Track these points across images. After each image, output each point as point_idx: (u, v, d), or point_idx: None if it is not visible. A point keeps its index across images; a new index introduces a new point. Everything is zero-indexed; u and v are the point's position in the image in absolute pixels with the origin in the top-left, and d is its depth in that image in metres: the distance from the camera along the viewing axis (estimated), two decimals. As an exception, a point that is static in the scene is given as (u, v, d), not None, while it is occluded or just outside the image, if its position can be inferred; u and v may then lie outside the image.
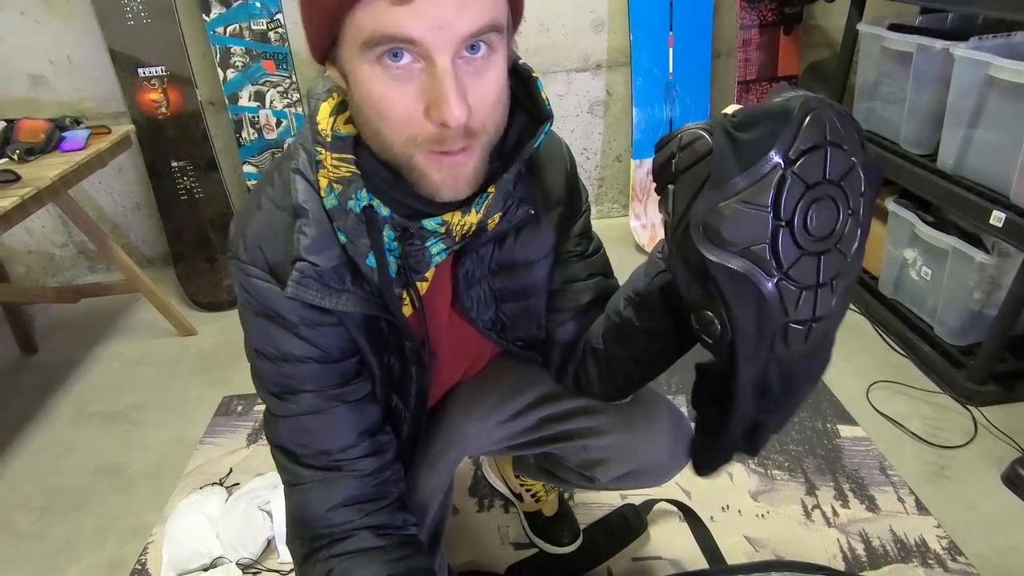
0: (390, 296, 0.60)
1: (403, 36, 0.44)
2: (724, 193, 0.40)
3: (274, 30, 1.80)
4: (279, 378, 0.63)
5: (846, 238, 0.43)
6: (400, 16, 0.44)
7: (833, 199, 0.41)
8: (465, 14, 0.45)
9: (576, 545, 1.11)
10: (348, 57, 0.48)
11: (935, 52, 1.34)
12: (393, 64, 0.46)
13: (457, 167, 0.51)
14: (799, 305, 0.43)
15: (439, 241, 0.61)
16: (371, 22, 0.45)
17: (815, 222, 0.41)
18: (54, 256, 2.13)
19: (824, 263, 0.42)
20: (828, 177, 0.40)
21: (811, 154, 0.39)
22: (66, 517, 1.29)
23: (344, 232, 0.57)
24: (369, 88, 0.48)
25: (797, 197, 0.40)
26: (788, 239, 0.41)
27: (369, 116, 0.50)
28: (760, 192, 0.40)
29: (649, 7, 1.86)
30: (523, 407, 0.84)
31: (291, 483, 0.66)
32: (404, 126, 0.49)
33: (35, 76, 1.91)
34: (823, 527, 1.12)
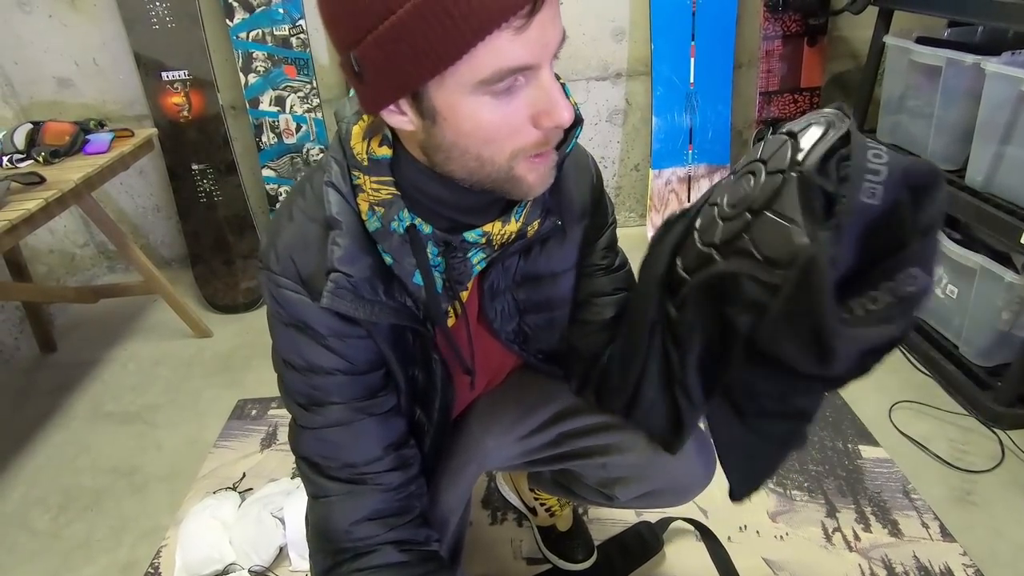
0: (437, 311, 0.61)
1: (524, 65, 0.46)
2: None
3: (296, 36, 1.81)
4: (306, 389, 0.63)
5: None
6: (519, 44, 0.45)
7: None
8: (557, 27, 0.47)
9: (590, 562, 1.09)
10: (447, 97, 0.47)
11: (965, 67, 1.31)
12: (502, 87, 0.47)
13: (547, 163, 0.54)
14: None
15: (479, 251, 0.62)
16: (493, 58, 0.45)
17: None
18: (75, 256, 2.16)
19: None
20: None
21: None
22: (82, 516, 1.29)
23: (389, 253, 0.58)
24: (479, 118, 0.48)
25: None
26: None
27: (469, 144, 0.50)
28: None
29: (671, 16, 1.85)
30: (543, 422, 0.83)
31: (315, 495, 0.66)
32: (510, 140, 0.50)
33: (61, 78, 1.94)
34: (844, 551, 1.10)
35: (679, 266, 0.47)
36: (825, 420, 1.38)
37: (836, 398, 1.44)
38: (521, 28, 0.44)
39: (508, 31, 0.43)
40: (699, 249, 0.44)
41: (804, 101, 1.94)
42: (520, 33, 0.44)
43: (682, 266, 0.47)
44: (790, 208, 0.37)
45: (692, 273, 0.46)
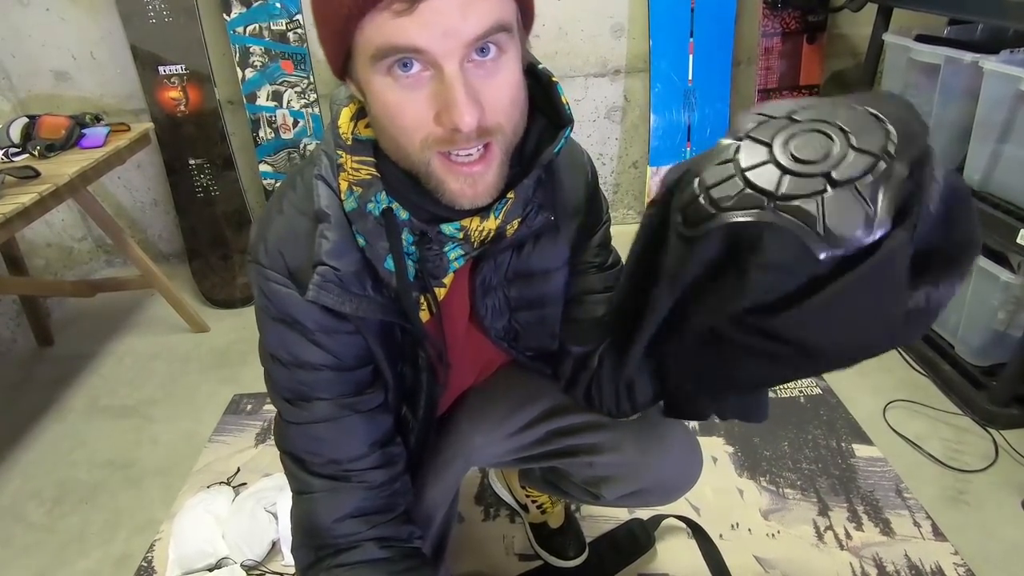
0: (407, 300, 0.60)
1: (409, 46, 0.45)
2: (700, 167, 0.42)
3: (293, 30, 1.80)
4: (293, 384, 0.63)
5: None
6: (405, 26, 0.44)
7: (822, 132, 0.40)
8: (469, 18, 0.45)
9: (582, 559, 1.09)
10: (361, 70, 0.49)
11: (964, 65, 1.31)
12: (403, 74, 0.47)
13: (476, 176, 0.52)
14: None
15: (457, 247, 0.61)
16: (378, 35, 0.45)
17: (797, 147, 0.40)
18: (72, 249, 2.16)
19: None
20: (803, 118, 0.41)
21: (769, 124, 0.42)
22: (77, 510, 1.30)
23: (363, 235, 0.57)
24: (383, 98, 0.49)
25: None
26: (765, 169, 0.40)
27: (385, 126, 0.51)
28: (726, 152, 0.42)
29: (670, 13, 1.84)
30: (531, 419, 0.83)
31: (299, 491, 0.66)
32: (417, 131, 0.49)
33: (59, 72, 1.94)
34: (835, 550, 1.10)
35: (697, 187, 0.42)
36: (819, 419, 1.38)
37: (831, 397, 1.44)
38: (403, 11, 0.43)
39: (388, 12, 0.44)
40: (740, 185, 0.40)
41: (803, 99, 1.93)
42: (403, 15, 0.44)
43: (708, 194, 0.42)
44: (875, 195, 0.36)
45: (717, 204, 0.41)
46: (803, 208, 0.37)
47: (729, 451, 1.31)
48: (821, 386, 1.47)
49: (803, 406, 1.42)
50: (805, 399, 1.44)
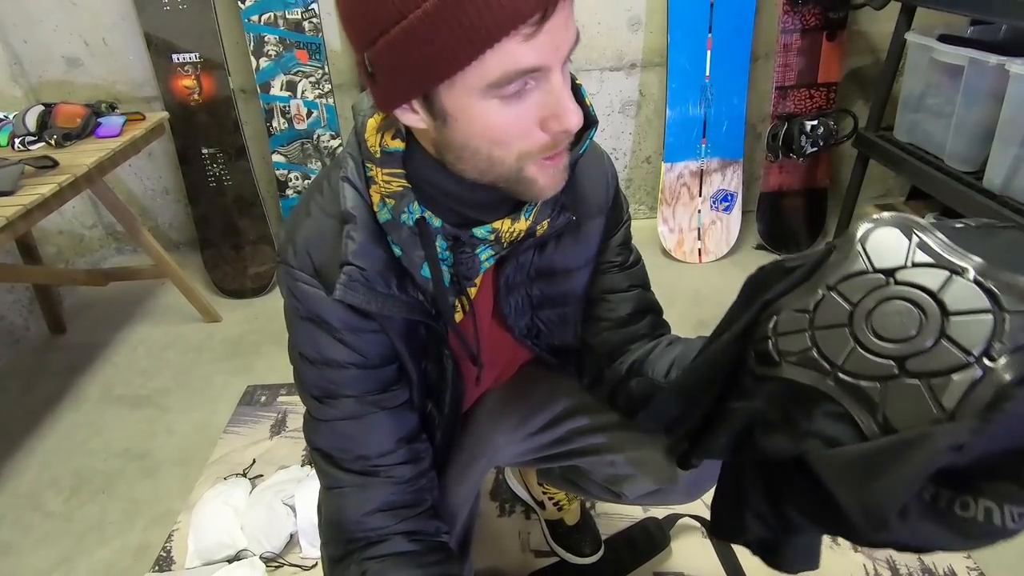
0: (444, 304, 0.62)
1: (534, 67, 0.46)
2: (911, 219, 0.37)
3: (308, 20, 1.79)
4: (321, 382, 0.64)
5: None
6: (527, 48, 0.44)
7: (914, 303, 0.35)
8: (569, 31, 0.47)
9: (597, 556, 1.10)
10: (457, 99, 0.48)
11: (989, 67, 1.29)
12: (511, 91, 0.47)
13: (559, 168, 0.54)
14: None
15: (488, 248, 0.62)
16: (503, 63, 0.45)
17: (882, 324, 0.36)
18: (84, 237, 2.16)
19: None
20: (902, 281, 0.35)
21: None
22: (94, 499, 1.31)
23: (399, 244, 0.58)
24: (488, 121, 0.49)
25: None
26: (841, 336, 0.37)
27: (479, 146, 0.51)
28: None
29: (689, 7, 1.82)
30: (552, 419, 0.84)
31: (329, 486, 0.67)
32: (519, 143, 0.50)
33: (71, 58, 1.92)
34: (849, 551, 1.11)
35: (771, 329, 0.40)
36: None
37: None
38: (531, 35, 0.44)
39: (517, 37, 0.44)
40: (807, 344, 0.38)
41: (820, 96, 1.91)
42: (531, 39, 0.44)
43: (775, 340, 0.40)
44: (949, 397, 0.32)
45: (782, 355, 0.40)
46: (864, 391, 0.35)
47: (743, 451, 1.32)
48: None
49: (816, 407, 1.42)
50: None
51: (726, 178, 1.99)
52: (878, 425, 0.34)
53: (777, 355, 0.40)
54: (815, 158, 1.96)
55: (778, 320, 0.40)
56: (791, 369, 0.39)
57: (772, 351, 0.40)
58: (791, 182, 2.02)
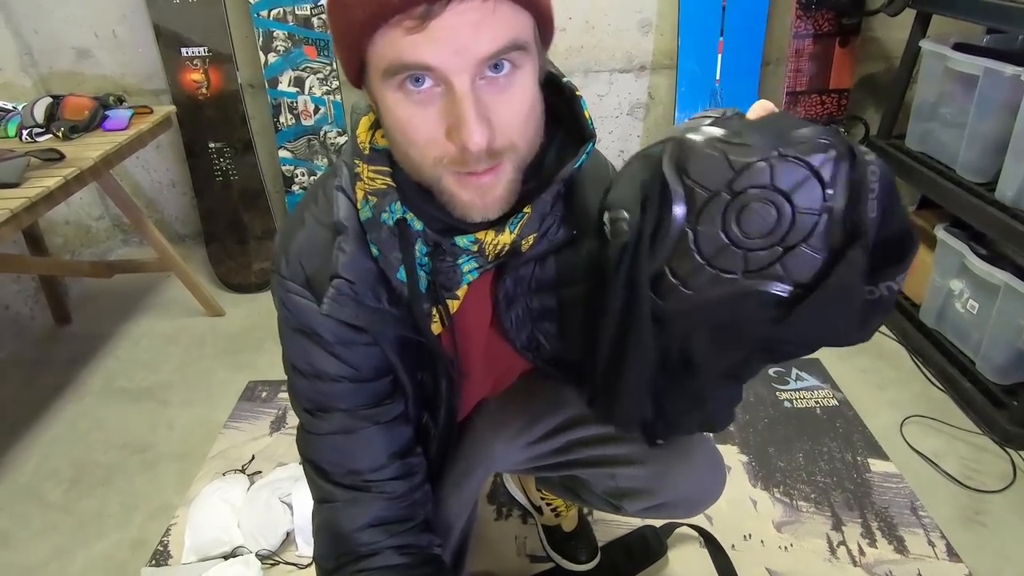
0: (419, 311, 0.59)
1: (419, 63, 0.45)
2: (704, 136, 0.44)
3: (317, 16, 1.78)
4: (313, 395, 0.64)
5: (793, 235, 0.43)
6: (415, 43, 0.44)
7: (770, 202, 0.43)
8: (482, 36, 0.44)
9: (594, 564, 1.10)
10: (374, 83, 0.49)
11: (1004, 77, 1.27)
12: (415, 89, 0.47)
13: (485, 188, 0.51)
14: (704, 249, 0.45)
15: (471, 259, 0.60)
16: (389, 51, 0.45)
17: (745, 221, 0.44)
18: (90, 228, 2.16)
19: (753, 255, 0.44)
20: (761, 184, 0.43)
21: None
22: (93, 492, 1.32)
23: (376, 244, 0.57)
24: (394, 113, 0.48)
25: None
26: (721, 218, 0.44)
27: (397, 139, 0.51)
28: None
29: (701, 10, 1.81)
30: (552, 429, 0.83)
31: (320, 499, 0.67)
32: (429, 148, 0.49)
33: (81, 49, 1.93)
34: (848, 565, 1.10)
35: (672, 278, 0.47)
36: (835, 431, 1.37)
37: (847, 409, 1.43)
38: (413, 28, 0.43)
39: (399, 29, 0.44)
40: (711, 272, 0.45)
41: (832, 102, 1.89)
42: (414, 32, 0.43)
43: (683, 284, 0.47)
44: (823, 244, 0.43)
45: (696, 289, 0.46)
46: (769, 272, 0.44)
47: (743, 460, 1.31)
48: (838, 398, 1.46)
49: (819, 418, 1.41)
50: (821, 410, 1.43)
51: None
52: (795, 286, 0.45)
53: (690, 291, 0.47)
54: (825, 165, 1.94)
55: (672, 270, 0.47)
56: (707, 291, 0.46)
57: (685, 290, 0.47)
58: (800, 188, 2.00)
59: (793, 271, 0.44)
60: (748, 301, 0.46)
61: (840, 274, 0.43)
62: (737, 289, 0.45)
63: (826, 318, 0.46)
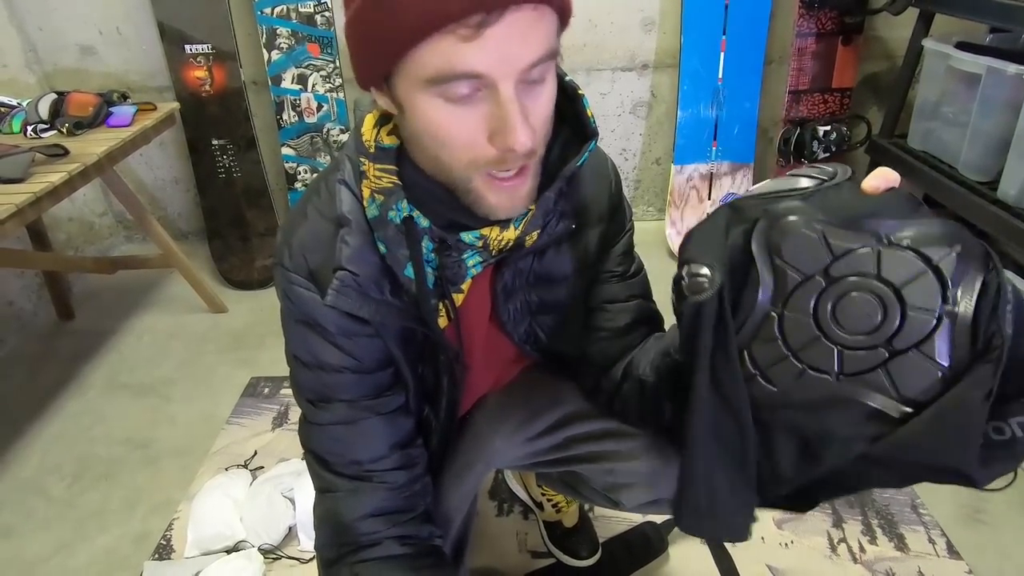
0: (426, 307, 0.60)
1: (471, 72, 0.45)
2: (803, 215, 0.39)
3: (320, 13, 1.79)
4: (315, 386, 0.64)
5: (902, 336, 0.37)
6: (467, 52, 0.44)
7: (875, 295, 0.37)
8: (528, 46, 0.45)
9: (594, 560, 1.10)
10: (406, 89, 0.48)
11: (1007, 76, 1.28)
12: (457, 94, 0.47)
13: (515, 190, 0.52)
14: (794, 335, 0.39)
15: (475, 254, 0.61)
16: (438, 59, 0.45)
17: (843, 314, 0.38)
18: (94, 225, 2.17)
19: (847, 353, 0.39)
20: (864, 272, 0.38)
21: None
22: (96, 486, 1.32)
23: (384, 242, 0.57)
24: (430, 117, 0.48)
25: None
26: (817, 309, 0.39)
27: (428, 143, 0.51)
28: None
29: (703, 9, 1.81)
30: (551, 424, 0.83)
31: (322, 489, 0.67)
32: (465, 151, 0.49)
33: (85, 46, 1.93)
34: (848, 563, 1.10)
35: (751, 367, 0.42)
36: (836, 429, 1.37)
37: (848, 407, 1.43)
38: (469, 37, 0.43)
39: (453, 37, 0.43)
40: (797, 367, 0.40)
41: (834, 102, 1.89)
42: (469, 41, 0.43)
43: (763, 375, 0.41)
44: (941, 353, 0.36)
45: (780, 385, 0.41)
46: (871, 382, 0.37)
47: (744, 458, 1.31)
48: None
49: (820, 415, 1.41)
50: (822, 408, 1.43)
51: (736, 182, 1.98)
52: (902, 402, 0.37)
53: (773, 386, 0.41)
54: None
55: (752, 357, 0.41)
56: (796, 392, 0.40)
57: (766, 385, 0.41)
58: (802, 188, 2.00)
59: (901, 382, 0.37)
60: (842, 412, 0.39)
61: (961, 392, 0.36)
62: (829, 394, 0.39)
63: (937, 445, 0.38)
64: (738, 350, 0.41)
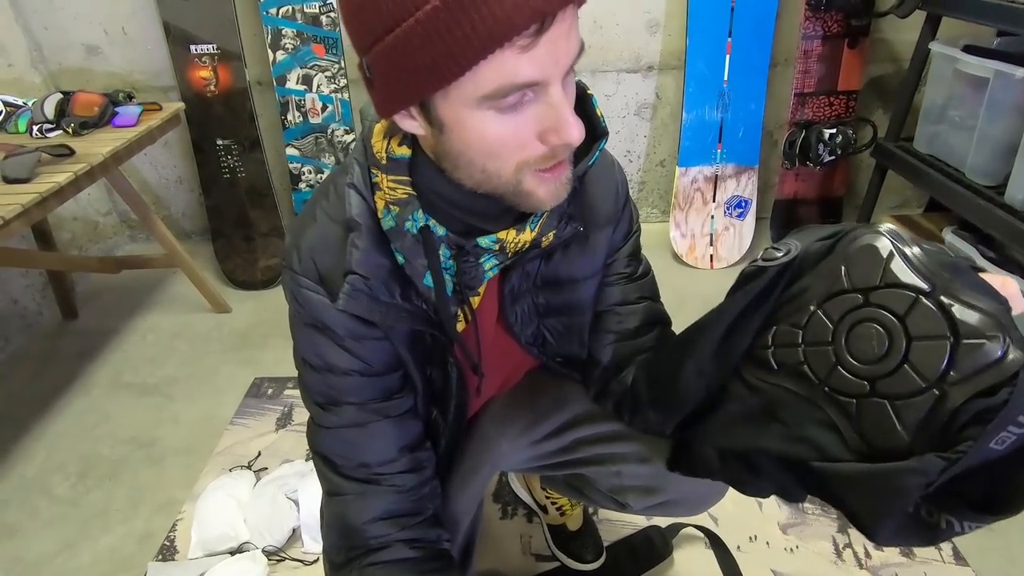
0: (446, 314, 0.61)
1: (530, 82, 0.45)
2: (897, 237, 0.41)
3: (326, 14, 1.79)
4: (324, 389, 0.64)
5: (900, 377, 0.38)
6: (524, 63, 0.44)
7: (880, 325, 0.39)
8: (571, 45, 0.46)
9: (599, 563, 1.10)
10: (453, 109, 0.47)
11: (1015, 80, 1.27)
12: (509, 103, 0.46)
13: (558, 178, 0.53)
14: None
15: (492, 257, 0.61)
16: (498, 75, 0.44)
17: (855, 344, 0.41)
18: (98, 224, 2.17)
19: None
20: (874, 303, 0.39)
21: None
22: (100, 485, 1.32)
23: (401, 252, 0.57)
24: (482, 132, 0.48)
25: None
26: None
27: (474, 156, 0.50)
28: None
29: (709, 11, 1.80)
30: (558, 427, 0.83)
31: (331, 492, 0.67)
32: (516, 154, 0.50)
33: (90, 46, 1.93)
34: (854, 568, 1.09)
35: (770, 338, 0.45)
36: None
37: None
38: (528, 47, 0.43)
39: (513, 49, 0.43)
40: (799, 360, 0.43)
41: (840, 104, 1.89)
42: (527, 51, 0.43)
43: (774, 350, 0.45)
44: (911, 418, 0.37)
45: (780, 366, 0.44)
46: (843, 405, 0.40)
47: (749, 461, 1.30)
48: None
49: (825, 419, 1.41)
50: (827, 412, 1.43)
51: (741, 184, 1.97)
52: (858, 435, 0.40)
53: (776, 365, 0.45)
54: (832, 167, 1.94)
55: (776, 331, 0.45)
56: (787, 379, 0.44)
57: (772, 360, 0.45)
58: (807, 190, 2.00)
59: (864, 422, 0.39)
60: (811, 419, 0.42)
61: (904, 467, 0.37)
62: (808, 396, 0.42)
63: (861, 496, 0.40)
64: (771, 322, 0.45)
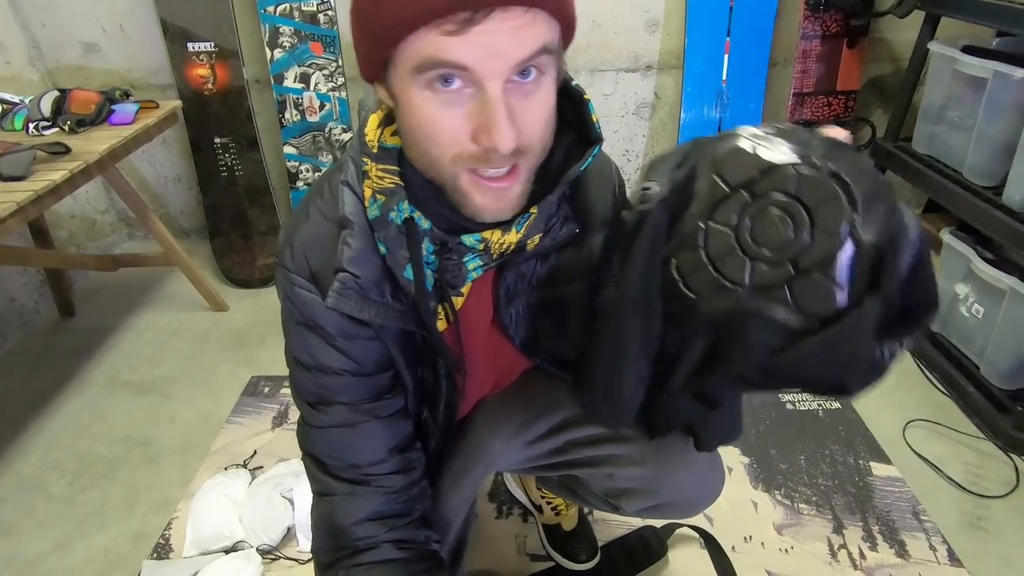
0: (425, 309, 0.60)
1: (456, 63, 0.45)
2: (751, 135, 0.42)
3: (323, 12, 1.78)
4: (315, 388, 0.64)
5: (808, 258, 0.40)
6: (454, 44, 0.44)
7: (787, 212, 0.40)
8: (518, 42, 0.45)
9: (593, 563, 1.10)
10: (398, 80, 0.49)
11: (1013, 80, 1.27)
12: (443, 88, 0.47)
13: (502, 192, 0.52)
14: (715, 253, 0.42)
15: (476, 257, 0.61)
16: (424, 48, 0.45)
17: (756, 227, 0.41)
18: (96, 222, 2.17)
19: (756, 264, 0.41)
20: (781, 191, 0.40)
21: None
22: (96, 484, 1.32)
23: (384, 243, 0.57)
24: (419, 111, 0.48)
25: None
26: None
27: (417, 137, 0.51)
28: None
29: (708, 10, 1.80)
30: (551, 428, 0.83)
31: (319, 492, 0.67)
32: (450, 146, 0.49)
33: (88, 43, 1.93)
34: (848, 568, 1.09)
35: (675, 272, 0.44)
36: (837, 434, 1.37)
37: (850, 412, 1.43)
38: (454, 32, 0.43)
39: (438, 31, 0.44)
40: (713, 276, 0.43)
41: (839, 104, 1.88)
42: (454, 36, 0.43)
43: (684, 281, 0.44)
44: (841, 274, 0.38)
45: (698, 293, 0.44)
46: (776, 295, 0.40)
47: (744, 462, 1.30)
48: (841, 401, 1.46)
49: (821, 420, 1.41)
50: (824, 413, 1.43)
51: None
52: (802, 318, 0.40)
53: (693, 293, 0.44)
54: (831, 167, 1.93)
55: (677, 263, 0.45)
56: (710, 301, 0.43)
57: (685, 290, 0.44)
58: (805, 190, 1.99)
59: (802, 300, 0.40)
60: (751, 324, 0.42)
61: (851, 321, 0.39)
62: (740, 306, 0.41)
63: (829, 362, 0.42)
64: (668, 257, 0.45)
